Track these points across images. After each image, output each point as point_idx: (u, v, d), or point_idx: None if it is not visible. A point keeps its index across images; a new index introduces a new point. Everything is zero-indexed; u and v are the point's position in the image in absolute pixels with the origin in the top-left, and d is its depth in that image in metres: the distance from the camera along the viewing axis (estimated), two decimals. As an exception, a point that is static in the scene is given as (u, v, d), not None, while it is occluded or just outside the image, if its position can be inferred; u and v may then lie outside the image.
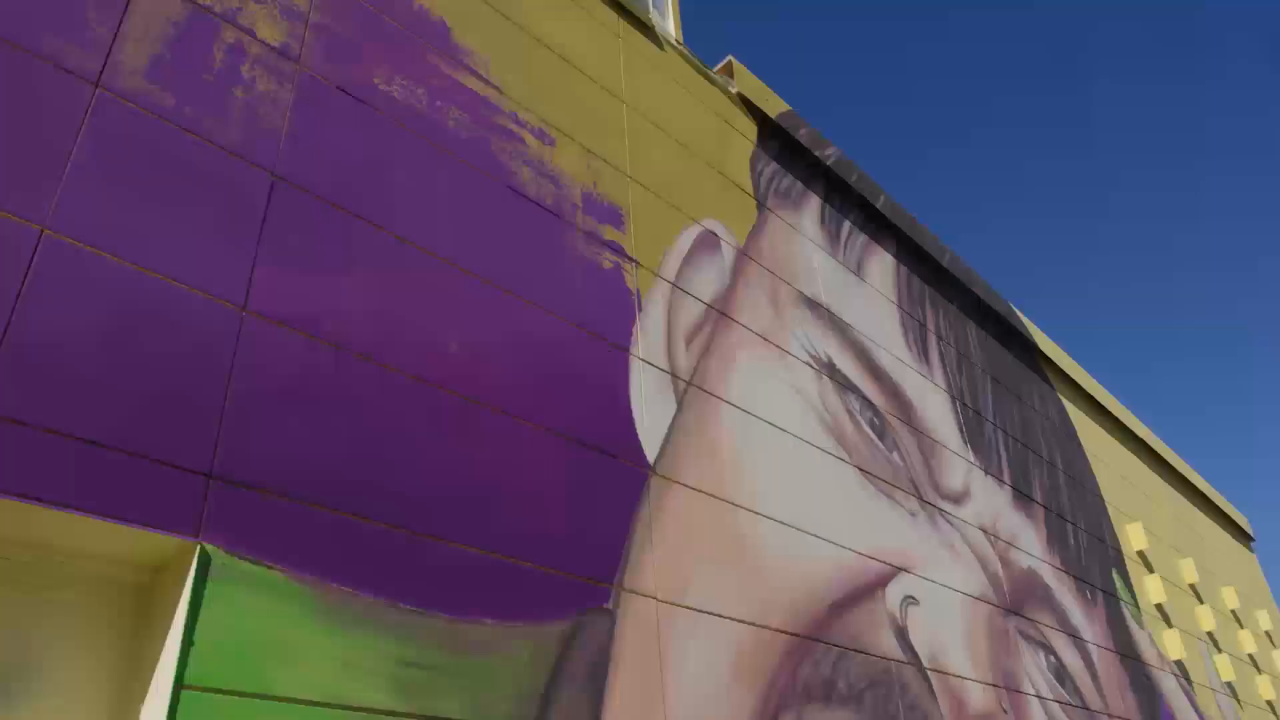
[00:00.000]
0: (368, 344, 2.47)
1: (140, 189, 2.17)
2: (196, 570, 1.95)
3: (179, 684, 1.85)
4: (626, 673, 2.74)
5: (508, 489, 2.66)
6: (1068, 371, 7.70)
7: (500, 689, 2.40)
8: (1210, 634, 8.40)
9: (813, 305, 4.53)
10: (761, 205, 4.56)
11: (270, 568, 2.07)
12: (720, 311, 3.86)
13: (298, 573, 2.11)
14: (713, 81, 4.68)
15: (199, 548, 1.97)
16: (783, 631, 3.37)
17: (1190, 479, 10.13)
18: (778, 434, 3.82)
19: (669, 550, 3.07)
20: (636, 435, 3.16)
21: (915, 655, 4.06)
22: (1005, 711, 4.56)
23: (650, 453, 3.18)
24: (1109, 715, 5.67)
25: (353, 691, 2.10)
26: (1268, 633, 10.32)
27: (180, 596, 1.94)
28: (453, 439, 2.58)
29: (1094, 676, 5.72)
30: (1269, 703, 9.22)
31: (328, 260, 2.49)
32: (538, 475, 2.77)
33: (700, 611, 3.08)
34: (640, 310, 3.44)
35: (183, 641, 1.88)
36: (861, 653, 3.72)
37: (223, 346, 2.18)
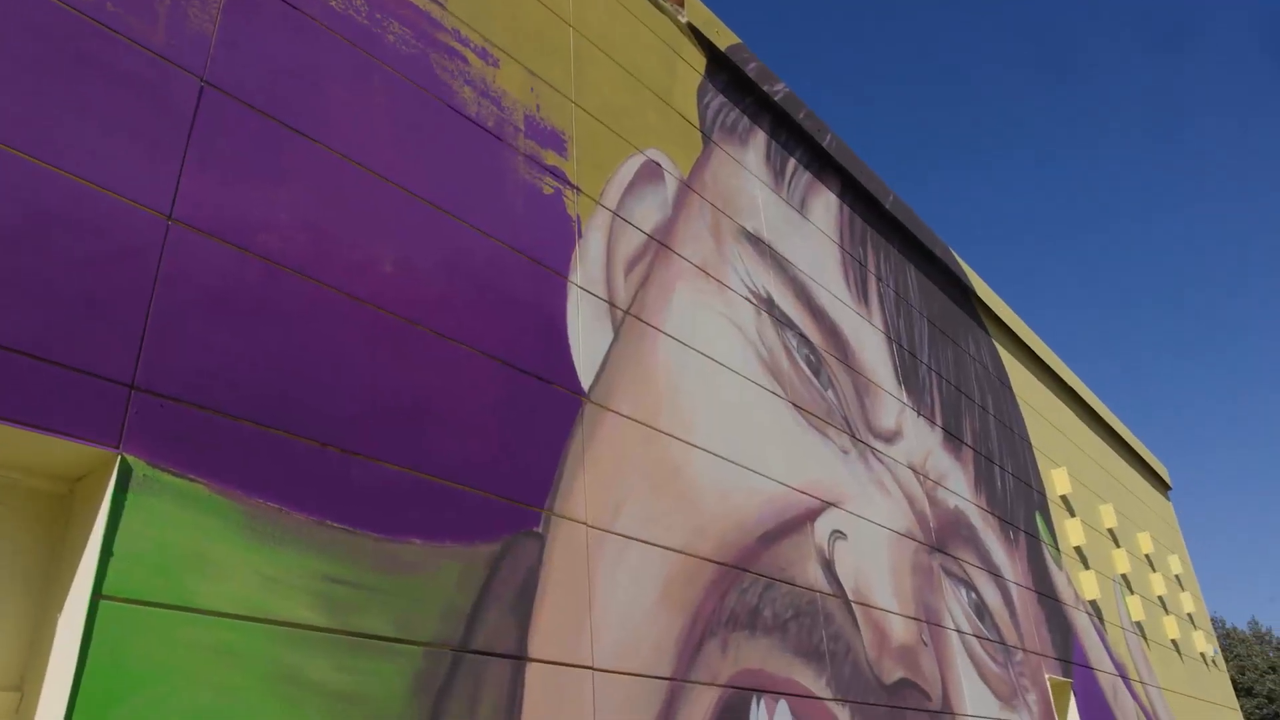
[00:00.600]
0: (300, 259, 2.43)
1: (60, 89, 2.09)
2: (117, 481, 1.92)
3: (97, 594, 1.82)
4: (554, 596, 2.77)
5: (440, 411, 2.65)
6: (1003, 318, 7.84)
7: (427, 607, 2.41)
8: (1124, 576, 8.71)
9: (754, 240, 4.53)
10: (707, 138, 4.54)
11: (194, 481, 2.05)
12: (661, 242, 3.84)
13: (222, 487, 2.09)
14: (662, 10, 4.61)
15: (119, 458, 1.94)
16: (711, 560, 3.42)
17: (1115, 428, 10.43)
18: (714, 367, 3.85)
19: (601, 477, 3.09)
20: (572, 362, 3.16)
21: (841, 587, 4.16)
22: (925, 644, 4.70)
23: (585, 380, 3.18)
24: (1024, 650, 5.88)
25: (277, 606, 2.10)
26: (1177, 576, 10.74)
27: (100, 507, 1.92)
28: (386, 359, 2.55)
29: (1012, 613, 5.91)
30: (1174, 641, 9.63)
31: (259, 172, 2.43)
32: (471, 398, 2.76)
33: (630, 538, 3.11)
34: (580, 237, 3.42)
35: (101, 552, 1.86)
36: (788, 584, 3.79)
37: (147, 255, 2.12)
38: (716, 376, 3.84)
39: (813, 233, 5.15)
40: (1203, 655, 10.86)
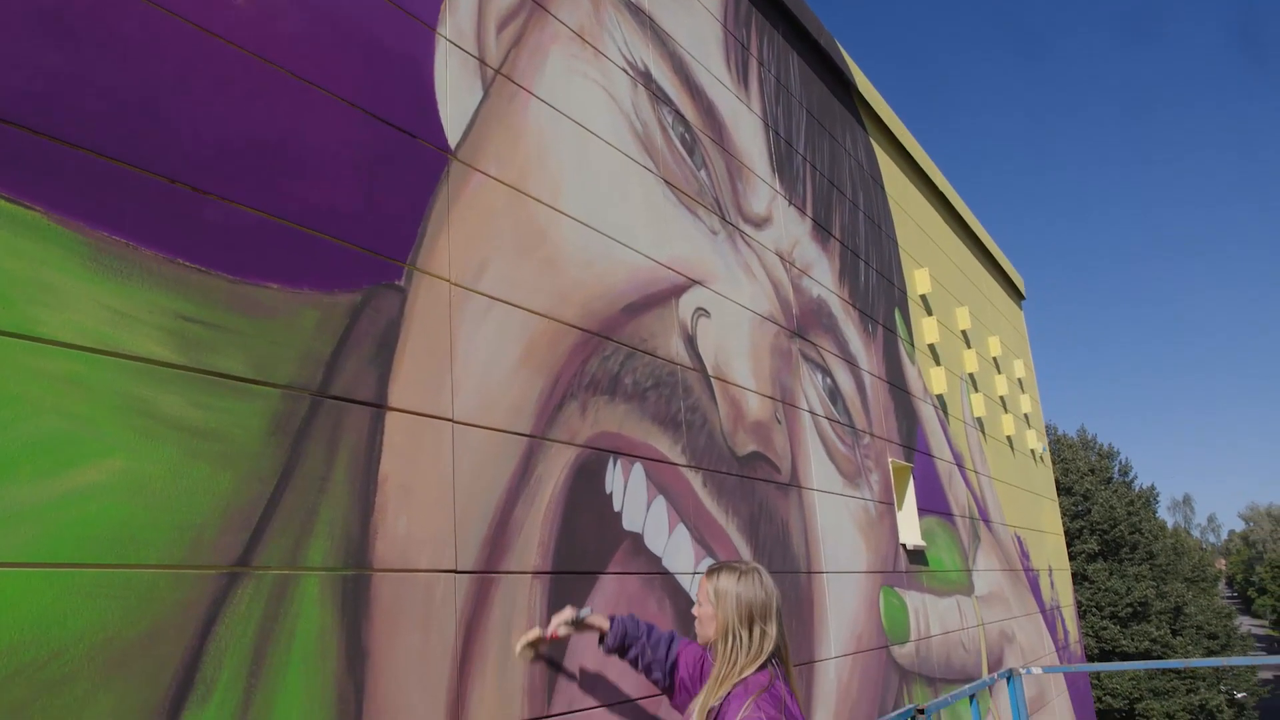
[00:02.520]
0: (140, -20, 2.25)
1: None
2: (-57, 199, 1.82)
3: (-73, 312, 1.76)
4: (415, 349, 2.80)
5: (299, 157, 2.56)
6: (882, 116, 7.91)
7: (285, 351, 2.41)
8: (971, 375, 9.28)
9: (634, 10, 4.40)
10: (592, -103, 4.31)
11: (30, 208, 1.95)
12: (536, 2, 3.70)
13: (63, 217, 2.00)
14: None
15: (-56, 174, 1.83)
16: (575, 326, 3.49)
17: (979, 236, 10.83)
18: (585, 135, 3.81)
19: (465, 236, 3.08)
20: (439, 117, 3.07)
21: (701, 362, 4.32)
22: (779, 421, 4.96)
23: (452, 137, 3.11)
24: (872, 435, 6.27)
25: (127, 340, 2.06)
26: (1020, 380, 11.49)
27: (-75, 224, 1.82)
28: (240, 98, 2.44)
29: (864, 400, 6.26)
30: (1009, 438, 10.40)
31: (90, -125, 2.21)
32: (332, 146, 2.67)
33: (494, 299, 3.14)
34: (451, -11, 3.25)
35: (-70, 271, 1.78)
36: (649, 354, 3.92)
37: (-37, -44, 1.93)
38: (587, 145, 3.81)
39: (696, 9, 5.02)
40: (1033, 452, 11.79)
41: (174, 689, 2.01)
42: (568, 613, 2.99)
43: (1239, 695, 33.69)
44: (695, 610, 2.77)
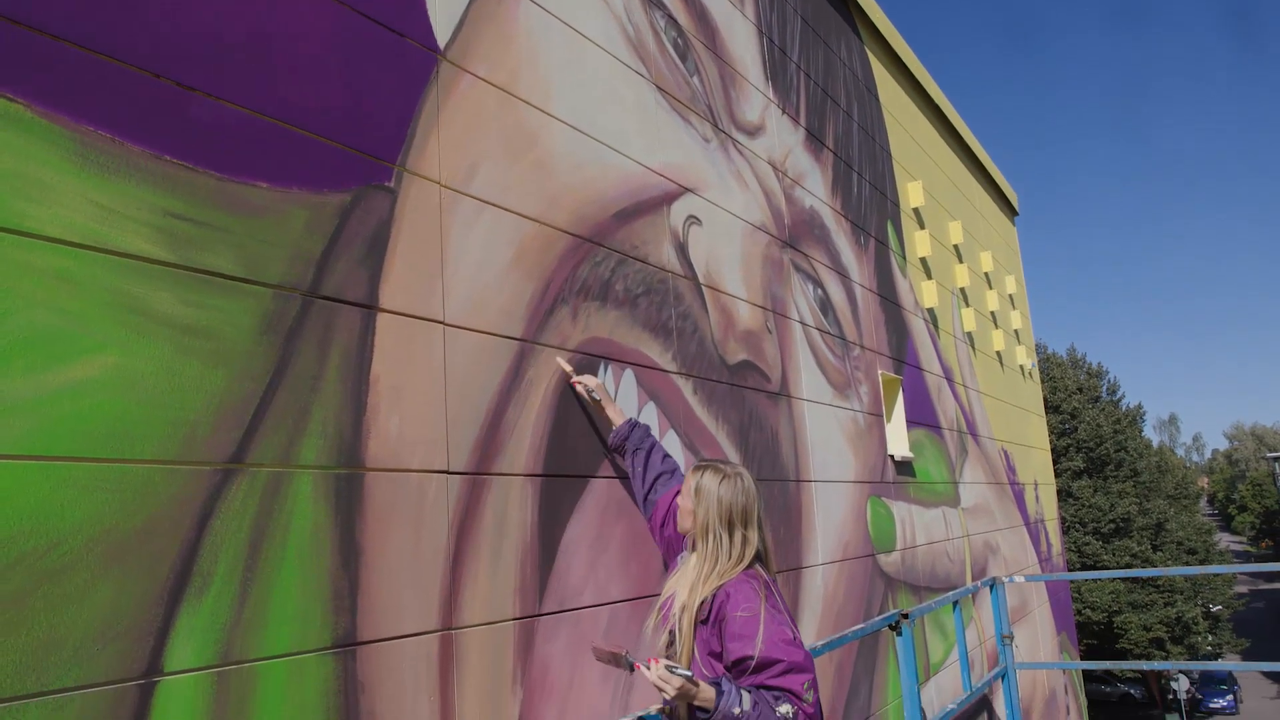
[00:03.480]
0: None
1: None
2: (-78, 87, 1.79)
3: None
4: (406, 251, 2.79)
5: (285, 53, 2.52)
6: (878, 26, 7.77)
7: (275, 251, 2.40)
8: (962, 290, 9.28)
9: (627, -92, 4.29)
10: None
11: (14, 101, 1.92)
12: (527, -102, 3.60)
13: (48, 110, 1.97)
14: None
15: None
16: (566, 231, 3.47)
17: (973, 149, 10.73)
18: (577, 38, 3.74)
19: (455, 139, 3.04)
20: (428, 17, 3.01)
21: (692, 270, 4.31)
22: (770, 331, 4.97)
23: (441, 37, 3.05)
24: (862, 347, 6.30)
25: (115, 237, 2.05)
26: (1011, 296, 11.51)
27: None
28: (221, -9, 2.38)
29: (854, 312, 6.27)
30: (998, 353, 10.46)
31: None
32: (317, 44, 2.62)
33: (484, 202, 3.12)
34: (438, -119, 3.16)
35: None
36: (641, 261, 3.91)
37: None
38: (579, 48, 3.74)
39: (691, -91, 4.89)
40: (1022, 367, 11.86)
41: (172, 581, 2.04)
42: (593, 385, 3.34)
43: (1214, 609, 34.57)
44: (679, 500, 2.89)
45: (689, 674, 2.36)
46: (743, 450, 4.47)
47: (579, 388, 3.32)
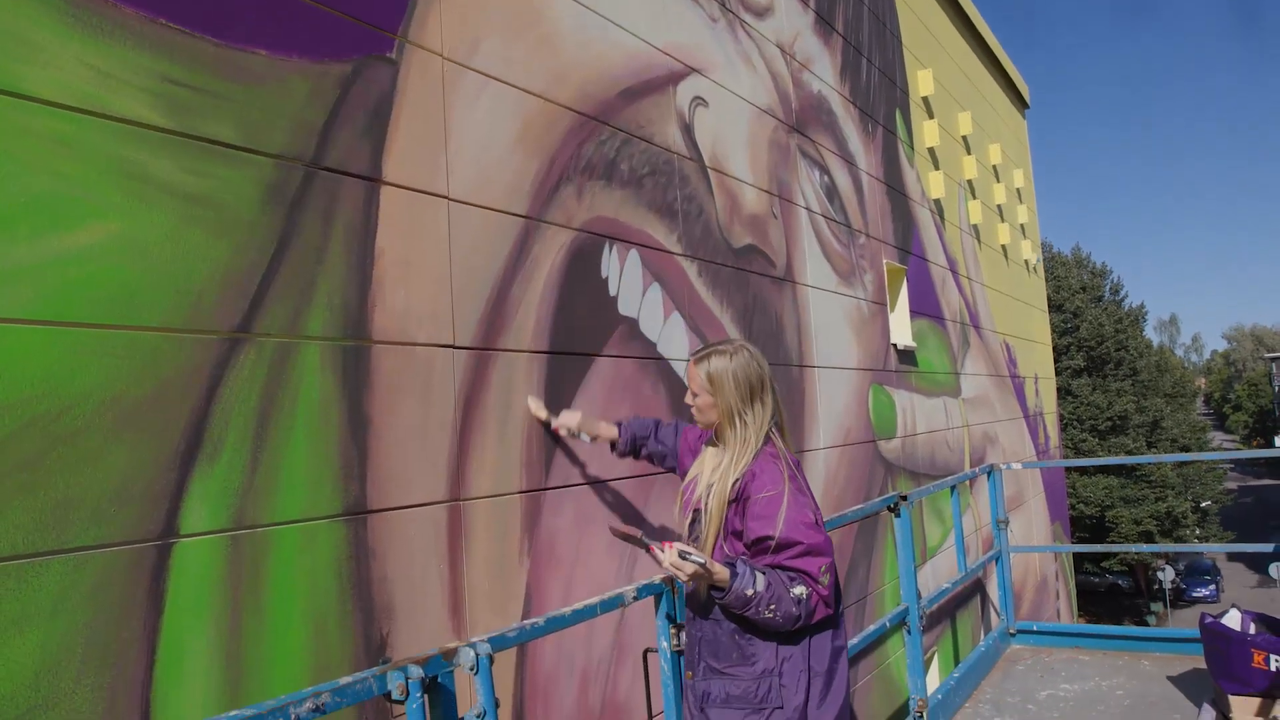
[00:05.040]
0: None
1: None
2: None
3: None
4: (409, 124, 2.74)
5: (279, -86, 2.43)
6: (891, -96, 7.50)
7: (276, 119, 2.35)
8: (970, 182, 9.17)
9: None
10: None
11: (1, -43, 1.86)
12: None
13: (37, -32, 1.91)
14: None
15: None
16: (570, 109, 3.41)
17: (986, 40, 10.47)
18: (582, -96, 3.61)
19: (458, 10, 2.96)
20: (427, -123, 2.90)
21: (698, 152, 4.25)
22: (775, 216, 4.93)
23: (441, -100, 2.95)
24: (867, 235, 6.25)
25: (113, 101, 2.01)
26: (1018, 190, 11.38)
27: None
28: None
29: (860, 200, 6.20)
30: (1003, 246, 10.40)
31: None
32: (314, -96, 2.53)
33: (488, 76, 3.05)
34: None
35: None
36: (646, 141, 3.84)
37: None
38: (584, -85, 3.62)
39: None
40: (1026, 262, 11.80)
41: (184, 447, 2.06)
42: (575, 422, 3.09)
43: (1204, 504, 35.17)
44: (690, 400, 2.72)
45: (702, 560, 2.38)
46: (747, 334, 4.47)
47: (562, 431, 3.12)
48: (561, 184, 3.32)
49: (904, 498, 4.32)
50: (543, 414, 3.09)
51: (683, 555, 2.38)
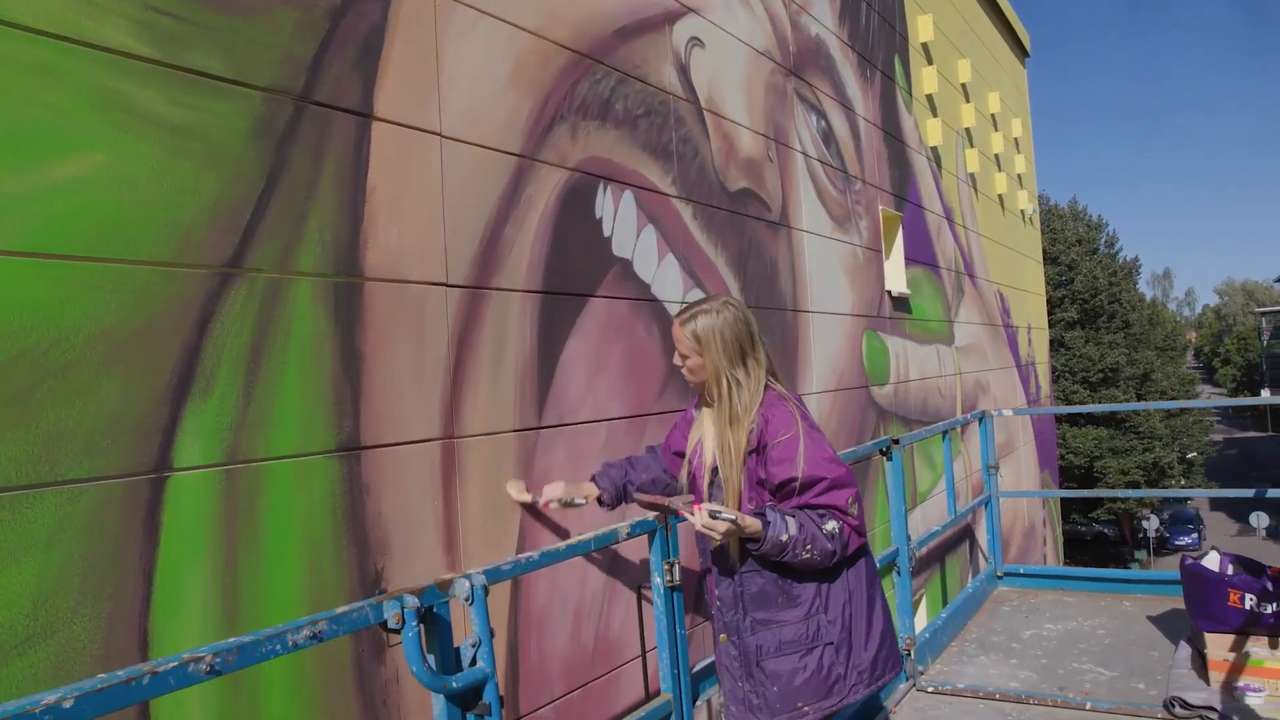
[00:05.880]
0: None
1: None
2: None
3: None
4: (401, 59, 2.70)
5: None
6: None
7: (264, 52, 2.31)
8: (967, 130, 9.10)
9: None
10: None
11: (-19, -123, 1.81)
12: None
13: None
14: None
15: None
16: (565, 47, 3.36)
17: (985, -17, 10.33)
18: None
19: (450, -61, 2.91)
20: None
21: (694, 94, 4.20)
22: (771, 160, 4.89)
23: None
24: (864, 181, 6.21)
25: (97, 30, 1.97)
26: (1016, 139, 11.30)
27: None
28: None
29: (857, 146, 6.15)
30: (1000, 196, 10.35)
31: None
32: None
33: (481, 11, 3.00)
34: None
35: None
36: (641, 81, 3.80)
37: None
38: None
39: None
40: (1022, 212, 11.76)
41: (175, 381, 2.06)
42: (560, 491, 2.96)
43: (1190, 455, 35.44)
44: (679, 361, 2.67)
45: (733, 516, 2.39)
46: (741, 278, 4.45)
47: (552, 506, 2.99)
48: (555, 123, 3.28)
49: (896, 442, 4.34)
50: (525, 497, 2.97)
51: (713, 515, 2.39)
